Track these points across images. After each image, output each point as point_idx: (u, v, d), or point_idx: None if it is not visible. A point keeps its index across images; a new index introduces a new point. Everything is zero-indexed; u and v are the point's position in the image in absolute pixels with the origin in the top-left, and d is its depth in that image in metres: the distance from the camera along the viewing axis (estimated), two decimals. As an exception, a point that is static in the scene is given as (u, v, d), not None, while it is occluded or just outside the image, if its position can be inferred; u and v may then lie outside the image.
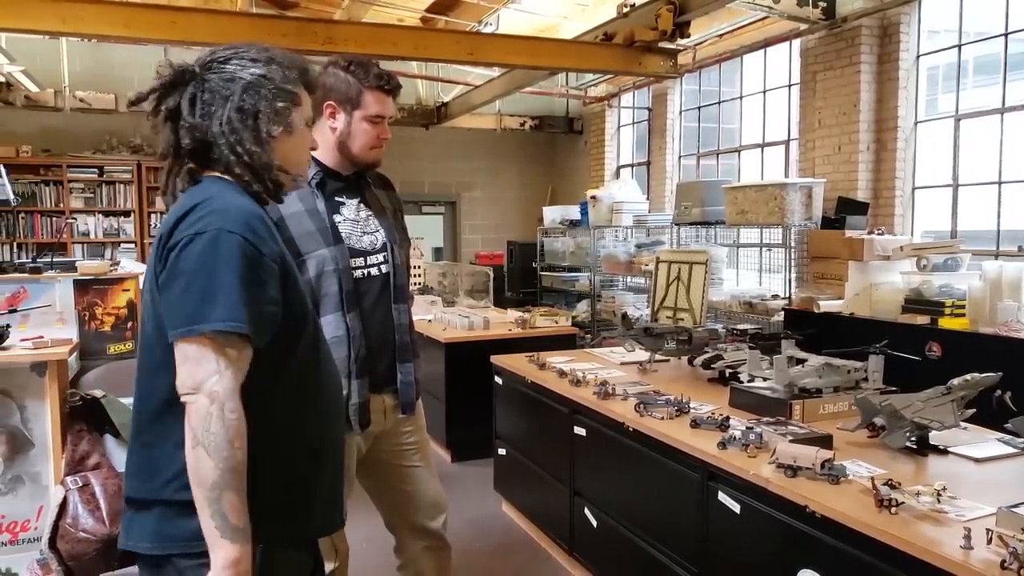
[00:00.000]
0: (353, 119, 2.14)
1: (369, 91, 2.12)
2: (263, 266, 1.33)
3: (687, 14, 4.84)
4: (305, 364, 1.43)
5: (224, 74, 1.41)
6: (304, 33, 4.82)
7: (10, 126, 7.95)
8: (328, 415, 1.50)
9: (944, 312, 4.07)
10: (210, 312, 1.25)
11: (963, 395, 2.17)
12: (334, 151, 2.17)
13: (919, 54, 5.39)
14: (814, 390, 2.63)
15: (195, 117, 1.40)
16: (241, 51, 1.45)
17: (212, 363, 1.25)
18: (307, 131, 1.53)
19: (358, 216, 2.20)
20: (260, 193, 1.45)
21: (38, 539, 2.52)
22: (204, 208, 1.32)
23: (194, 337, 1.26)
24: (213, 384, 1.25)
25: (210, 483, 1.23)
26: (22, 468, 2.70)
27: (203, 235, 1.29)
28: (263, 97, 1.41)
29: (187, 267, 1.28)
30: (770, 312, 5.31)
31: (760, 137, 6.95)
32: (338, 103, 2.13)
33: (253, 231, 1.33)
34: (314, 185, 2.14)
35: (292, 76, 1.47)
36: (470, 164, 10.41)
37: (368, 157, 2.19)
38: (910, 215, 5.49)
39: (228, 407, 1.25)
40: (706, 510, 2.33)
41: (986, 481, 2.00)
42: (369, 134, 2.15)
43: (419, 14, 7.84)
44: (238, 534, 1.25)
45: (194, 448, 1.24)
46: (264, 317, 1.32)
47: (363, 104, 2.13)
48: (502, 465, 4.05)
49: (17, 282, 3.71)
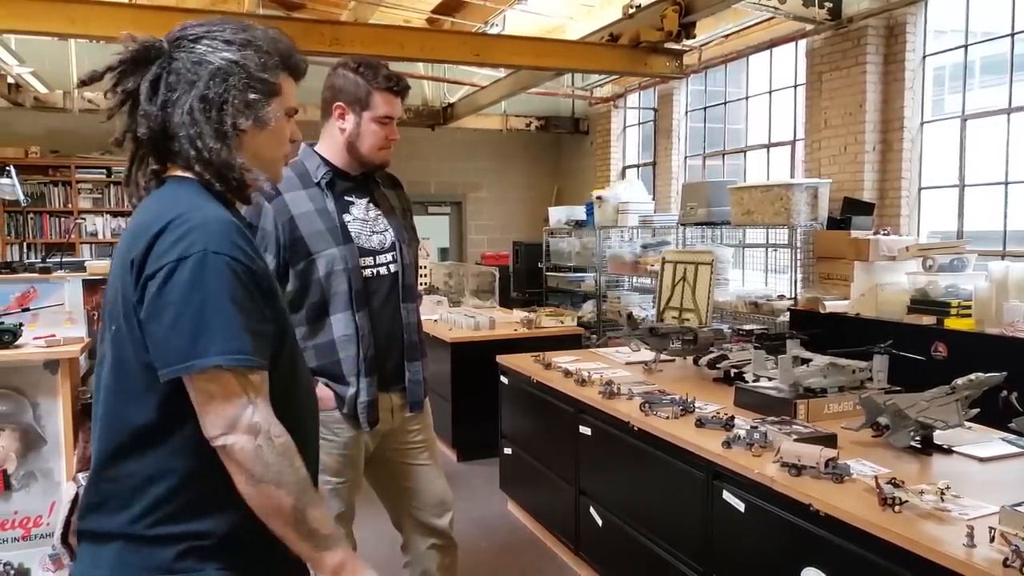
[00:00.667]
0: (362, 120, 2.15)
1: (378, 92, 2.14)
2: (256, 284, 1.23)
3: (692, 15, 4.85)
4: (285, 378, 1.33)
5: (193, 55, 1.26)
6: (311, 34, 4.84)
7: (19, 127, 8.01)
8: (307, 434, 1.40)
9: (950, 312, 4.07)
10: (208, 345, 1.15)
11: (967, 395, 2.18)
12: (343, 151, 2.19)
13: (925, 54, 5.39)
14: (819, 390, 2.63)
15: (153, 104, 1.25)
16: (215, 30, 1.29)
17: (241, 396, 1.17)
18: (285, 124, 1.37)
19: (367, 216, 2.22)
20: (223, 194, 1.30)
21: (50, 535, 2.55)
22: (181, 225, 1.19)
23: (211, 373, 1.16)
24: (250, 417, 1.17)
25: (290, 510, 1.18)
26: (35, 464, 2.74)
27: (187, 260, 1.16)
28: (232, 86, 1.26)
29: (175, 297, 1.15)
30: (776, 312, 5.31)
31: (766, 137, 6.95)
32: (347, 104, 2.15)
33: (239, 248, 1.21)
34: (324, 184, 2.16)
35: (271, 63, 1.31)
36: (476, 164, 10.42)
37: (377, 158, 2.21)
38: (916, 215, 5.49)
39: (274, 432, 1.19)
40: (711, 509, 2.34)
41: (990, 480, 2.01)
42: (378, 135, 2.17)
43: (425, 15, 7.86)
44: (333, 541, 1.23)
45: (256, 486, 1.17)
46: (266, 338, 1.24)
47: (372, 105, 2.14)
48: (508, 464, 4.07)
49: (27, 282, 3.75)
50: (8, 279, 3.75)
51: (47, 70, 7.33)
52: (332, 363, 2.13)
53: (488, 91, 7.97)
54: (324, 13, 8.02)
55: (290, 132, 1.39)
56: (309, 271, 2.09)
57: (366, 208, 2.23)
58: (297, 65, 1.37)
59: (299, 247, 2.08)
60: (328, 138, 2.21)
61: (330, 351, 2.13)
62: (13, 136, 8.05)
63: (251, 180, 1.31)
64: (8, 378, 2.73)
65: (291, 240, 2.08)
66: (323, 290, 2.10)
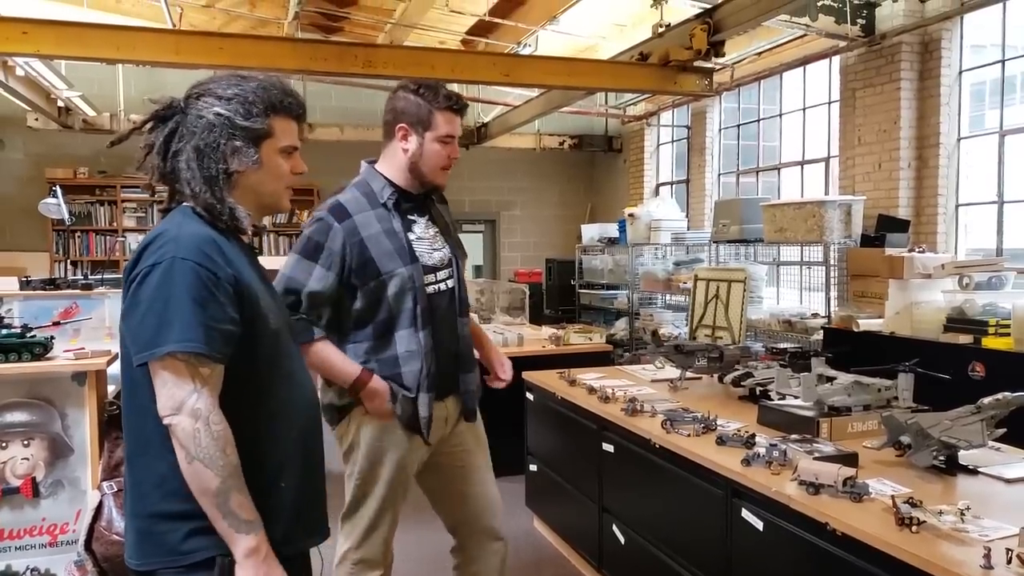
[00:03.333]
0: (425, 140, 2.20)
1: (439, 112, 2.19)
2: (219, 287, 1.40)
3: (721, 33, 4.85)
4: (263, 380, 1.48)
5: (196, 110, 1.49)
6: (344, 57, 4.96)
7: (69, 149, 8.30)
8: (291, 430, 1.52)
9: (988, 332, 3.97)
10: (168, 335, 1.33)
11: (993, 414, 2.13)
12: (405, 172, 2.24)
13: (961, 70, 5.30)
14: (843, 408, 2.60)
15: (161, 156, 1.49)
16: (212, 86, 1.51)
17: (188, 383, 1.34)
18: (281, 161, 1.55)
19: (427, 233, 2.29)
20: (215, 222, 1.49)
21: (76, 541, 2.63)
22: (161, 239, 1.41)
23: (166, 361, 1.34)
24: (194, 403, 1.34)
25: (215, 490, 1.33)
26: (62, 473, 2.82)
27: (159, 265, 1.37)
28: (221, 136, 1.47)
29: (145, 296, 1.37)
30: (809, 331, 5.24)
31: (800, 155, 6.89)
32: (410, 125, 2.20)
33: (206, 255, 1.40)
34: (390, 205, 2.21)
35: (256, 110, 1.49)
36: (510, 183, 10.49)
37: (438, 178, 2.28)
38: (953, 233, 5.38)
39: (213, 419, 1.34)
40: (730, 527, 2.32)
41: (1014, 501, 1.96)
42: (440, 155, 2.23)
43: (460, 36, 7.97)
44: (251, 526, 1.36)
45: (191, 463, 1.33)
46: (223, 335, 1.38)
47: (434, 125, 2.19)
48: (534, 481, 4.07)
49: (70, 298, 3.89)
50: (52, 295, 3.89)
51: (95, 94, 7.59)
52: (393, 375, 2.19)
53: (521, 110, 8.04)
54: (361, 36, 8.19)
55: (291, 166, 1.57)
56: (379, 290, 2.15)
57: (426, 226, 2.29)
58: (289, 107, 1.55)
59: (369, 268, 2.15)
60: (391, 158, 2.26)
61: (392, 365, 2.19)
62: (63, 157, 8.34)
63: (243, 216, 1.50)
64: (38, 389, 2.83)
65: (361, 261, 2.14)
66: (391, 308, 2.16)
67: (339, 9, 7.61)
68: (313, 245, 2.14)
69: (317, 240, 2.13)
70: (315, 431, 1.61)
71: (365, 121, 9.43)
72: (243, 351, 1.43)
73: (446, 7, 6.91)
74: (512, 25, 7.25)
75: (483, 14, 7.00)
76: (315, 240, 2.14)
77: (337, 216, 2.14)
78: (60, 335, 3.28)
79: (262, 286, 1.54)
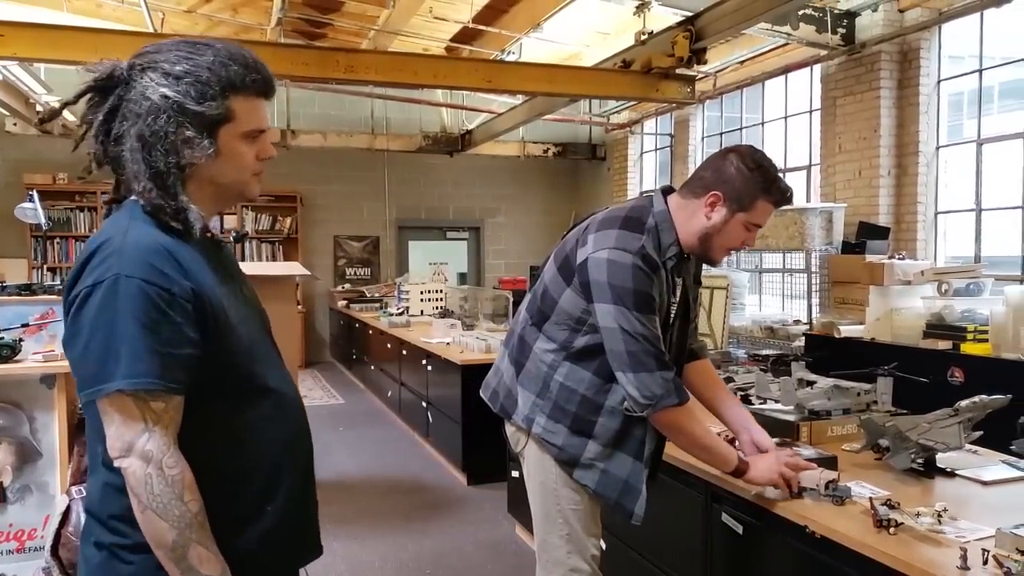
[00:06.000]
0: (733, 219, 1.98)
1: (764, 201, 1.97)
2: (174, 305, 1.19)
3: (703, 40, 4.88)
4: (239, 399, 1.31)
5: (140, 86, 1.24)
6: (327, 62, 4.95)
7: (48, 154, 8.24)
8: (274, 447, 1.35)
9: (966, 337, 4.01)
10: (114, 370, 1.15)
11: (970, 417, 2.13)
12: (695, 237, 2.02)
13: (940, 79, 5.37)
14: (823, 412, 2.60)
15: (102, 139, 1.27)
16: (161, 58, 1.26)
17: (139, 423, 1.17)
18: (243, 148, 1.31)
19: (678, 298, 2.10)
20: (168, 223, 1.26)
21: (44, 548, 2.58)
22: (104, 250, 1.20)
23: (113, 398, 1.16)
24: (144, 444, 1.17)
25: (170, 543, 1.17)
26: (30, 478, 2.77)
27: (101, 284, 1.17)
28: (168, 124, 1.23)
29: (86, 322, 1.17)
30: (792, 337, 5.26)
31: (782, 162, 6.93)
32: (726, 197, 1.96)
33: (156, 269, 1.19)
34: (668, 266, 2.01)
35: (212, 92, 1.25)
36: (494, 190, 10.51)
37: (719, 257, 2.07)
38: (933, 240, 5.43)
39: (167, 462, 1.17)
40: (710, 531, 2.31)
41: (991, 503, 1.96)
42: (738, 238, 2.01)
43: (444, 43, 7.99)
44: None
45: (143, 512, 1.17)
46: (180, 361, 1.20)
47: (752, 209, 1.97)
48: (516, 488, 4.04)
49: (46, 303, 3.83)
50: (28, 300, 3.83)
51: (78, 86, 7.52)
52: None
53: (505, 118, 8.06)
54: (344, 42, 8.18)
55: (257, 151, 1.34)
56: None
57: (683, 288, 2.12)
58: (252, 84, 1.29)
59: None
60: (688, 215, 2.01)
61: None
62: (42, 163, 8.27)
63: (193, 216, 1.27)
64: (6, 392, 2.77)
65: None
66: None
67: (322, 15, 7.60)
68: (646, 298, 1.92)
69: (646, 292, 1.92)
70: (301, 444, 1.43)
71: (348, 128, 9.43)
72: (212, 371, 1.25)
73: (430, 14, 6.93)
74: (496, 32, 7.27)
75: (467, 21, 7.01)
76: (643, 292, 1.92)
77: (651, 267, 1.94)
78: (36, 340, 3.23)
79: (229, 291, 1.34)
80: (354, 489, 4.85)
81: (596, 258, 1.93)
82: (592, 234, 1.98)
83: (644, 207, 2.03)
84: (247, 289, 1.47)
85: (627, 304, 1.90)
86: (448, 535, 4.06)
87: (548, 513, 2.09)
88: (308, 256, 9.72)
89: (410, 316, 7.16)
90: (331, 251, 10.13)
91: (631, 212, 2.02)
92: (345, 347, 9.14)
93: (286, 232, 9.66)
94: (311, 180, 9.72)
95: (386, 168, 10.05)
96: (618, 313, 1.90)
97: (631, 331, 1.89)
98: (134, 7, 6.71)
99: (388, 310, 7.75)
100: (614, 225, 1.98)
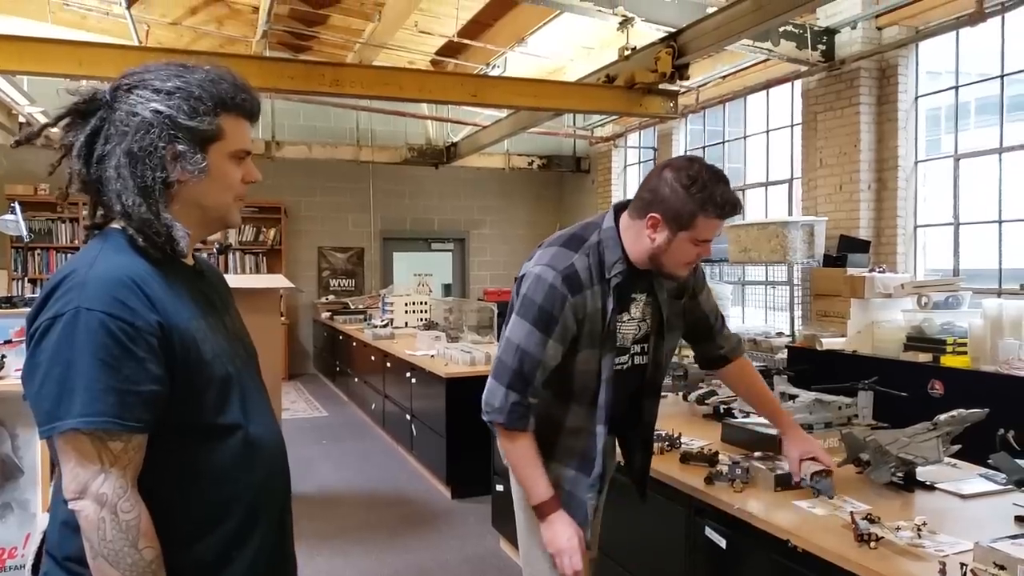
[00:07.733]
0: (676, 238, 1.91)
1: (705, 219, 1.88)
2: (138, 340, 1.14)
3: (685, 56, 4.94)
4: (210, 438, 1.24)
5: (127, 105, 1.23)
6: (312, 76, 4.95)
7: (30, 166, 8.16)
8: (248, 490, 1.29)
9: (946, 350, 4.06)
10: (70, 408, 1.10)
11: (949, 431, 2.17)
12: (645, 256, 1.96)
13: (917, 95, 5.46)
14: (804, 426, 2.62)
15: (84, 161, 1.24)
16: (149, 77, 1.25)
17: (94, 463, 1.11)
18: (231, 168, 1.30)
19: (637, 314, 2.06)
20: (147, 249, 1.23)
21: (24, 567, 2.55)
22: (68, 283, 1.16)
23: (68, 436, 1.11)
24: (99, 487, 1.11)
25: None
26: (11, 496, 2.75)
27: (61, 318, 1.12)
28: (160, 138, 1.21)
29: (44, 357, 1.13)
30: (775, 349, 5.31)
31: (764, 176, 7.01)
32: (664, 219, 1.89)
33: (119, 303, 1.14)
34: (612, 284, 1.96)
35: (204, 108, 1.24)
36: (479, 202, 10.54)
37: (679, 273, 2.00)
38: (912, 253, 5.50)
39: (122, 508, 1.11)
40: (693, 545, 2.32)
41: (970, 517, 1.99)
42: (688, 254, 1.94)
43: (429, 57, 8.02)
44: None
45: (95, 560, 1.11)
46: (143, 399, 1.14)
47: (693, 227, 1.89)
48: (500, 502, 4.03)
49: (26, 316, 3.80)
50: (8, 313, 3.80)
51: (57, 110, 7.48)
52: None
53: (490, 131, 8.09)
54: (330, 55, 8.20)
55: (243, 174, 1.32)
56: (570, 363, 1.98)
57: (645, 304, 2.07)
58: (242, 104, 1.29)
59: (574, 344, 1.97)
60: (634, 235, 1.96)
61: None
62: (24, 174, 8.20)
63: (180, 237, 1.24)
64: (-12, 409, 2.75)
65: (575, 337, 1.96)
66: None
67: (308, 28, 7.61)
68: (547, 317, 1.90)
69: (551, 311, 1.90)
70: (276, 490, 1.36)
71: (333, 139, 9.43)
72: (181, 408, 1.20)
73: (415, 28, 6.96)
74: (481, 47, 7.31)
75: (452, 35, 7.05)
76: (547, 311, 1.90)
77: (571, 288, 1.90)
78: (17, 354, 3.20)
79: (209, 324, 1.28)
80: (337, 503, 4.82)
81: (530, 273, 1.96)
82: (539, 250, 2.01)
83: (594, 224, 2.03)
84: (232, 321, 1.41)
85: (527, 317, 1.92)
86: (432, 549, 4.04)
87: (531, 527, 2.10)
88: (292, 267, 9.69)
89: (394, 328, 7.15)
90: (315, 262, 10.11)
91: (578, 230, 2.02)
92: (329, 359, 9.10)
93: (270, 243, 9.64)
94: (296, 191, 9.70)
95: (371, 180, 10.05)
96: (517, 322, 1.93)
97: (515, 341, 1.92)
98: (119, 19, 6.70)
99: (372, 322, 7.74)
100: (558, 242, 1.99)
